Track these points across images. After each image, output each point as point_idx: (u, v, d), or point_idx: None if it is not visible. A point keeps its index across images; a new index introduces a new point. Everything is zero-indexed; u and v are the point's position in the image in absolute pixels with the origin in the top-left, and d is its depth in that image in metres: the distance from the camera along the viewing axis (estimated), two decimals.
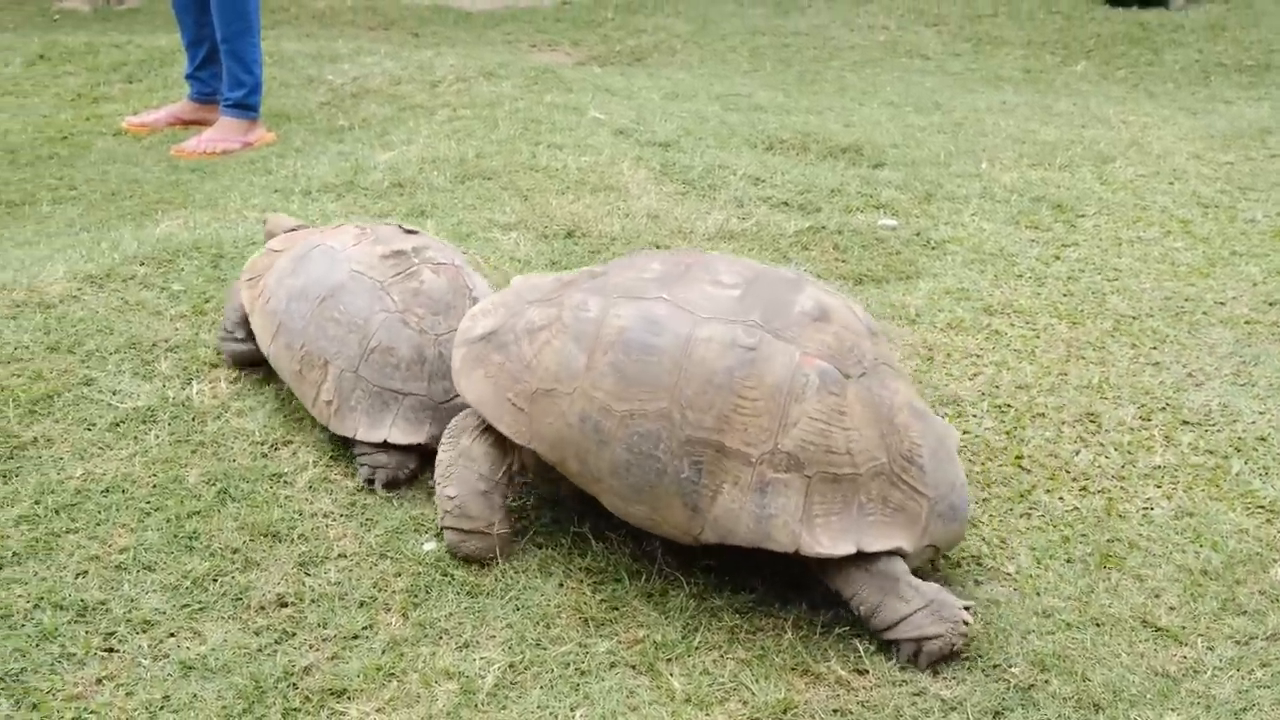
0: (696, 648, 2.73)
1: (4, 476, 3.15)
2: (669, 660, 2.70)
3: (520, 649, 2.70)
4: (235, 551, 2.94)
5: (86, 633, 2.70)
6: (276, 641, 2.71)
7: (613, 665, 2.68)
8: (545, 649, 2.71)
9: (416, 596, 2.84)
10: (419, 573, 2.91)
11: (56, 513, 3.03)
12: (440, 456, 3.05)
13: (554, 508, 3.15)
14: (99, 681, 2.59)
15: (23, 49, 8.14)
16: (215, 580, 2.86)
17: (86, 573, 2.86)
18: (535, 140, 5.52)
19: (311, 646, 2.70)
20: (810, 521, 2.72)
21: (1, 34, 9.35)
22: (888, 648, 2.74)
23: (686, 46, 9.95)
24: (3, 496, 3.08)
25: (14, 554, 2.90)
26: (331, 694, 2.58)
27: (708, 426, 2.74)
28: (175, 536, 2.98)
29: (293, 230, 3.77)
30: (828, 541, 2.71)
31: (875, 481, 2.75)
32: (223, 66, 6.24)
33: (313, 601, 2.82)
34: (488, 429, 3.00)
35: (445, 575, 2.90)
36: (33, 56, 8.00)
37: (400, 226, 3.55)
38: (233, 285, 3.73)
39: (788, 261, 4.49)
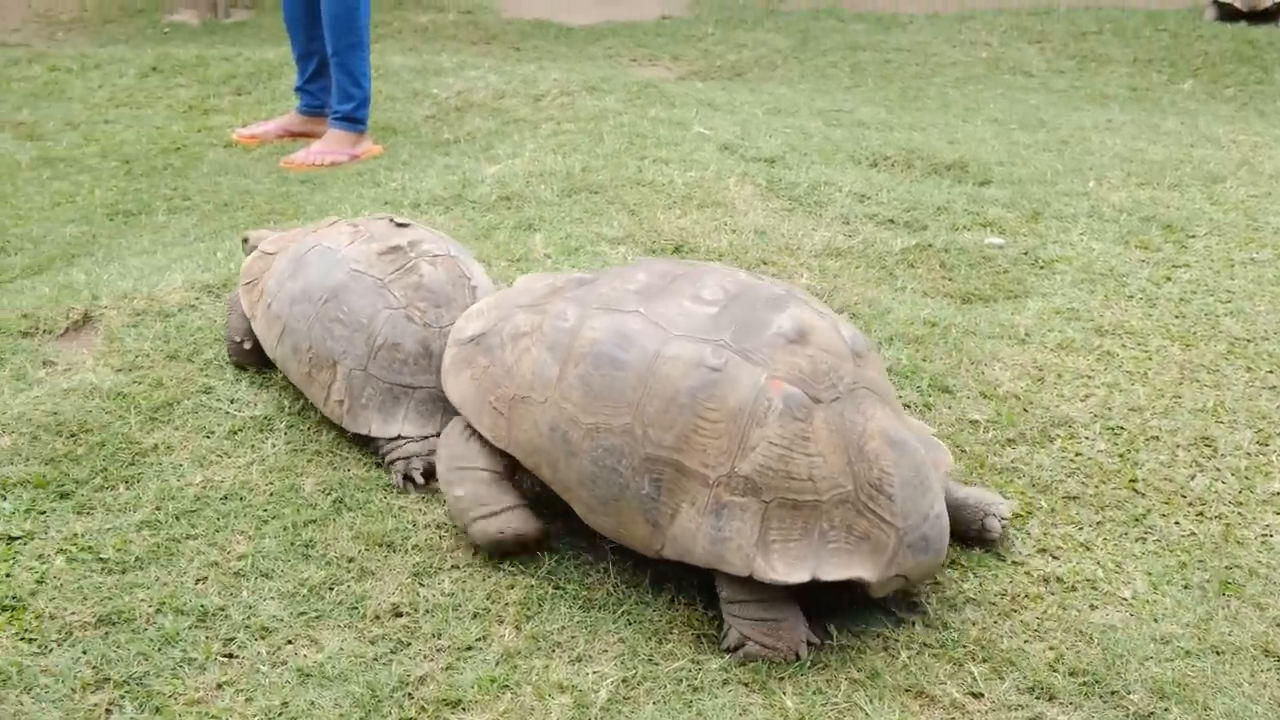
0: (808, 666, 2.73)
1: (126, 482, 3.22)
2: (781, 679, 2.69)
3: (633, 664, 2.71)
4: (351, 560, 2.97)
5: (207, 638, 2.75)
6: (392, 651, 2.74)
7: (725, 683, 2.68)
8: (658, 664, 2.71)
9: (529, 609, 2.86)
10: (531, 585, 2.93)
11: (177, 519, 3.09)
12: (439, 468, 3.12)
13: None
14: (219, 687, 2.63)
15: (136, 61, 8.30)
16: (331, 589, 2.90)
17: (206, 579, 2.91)
18: (640, 155, 5.54)
19: (426, 657, 2.73)
20: (766, 547, 2.70)
21: (115, 46, 9.56)
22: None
23: (787, 62, 9.94)
24: (125, 502, 3.14)
25: (136, 559, 2.96)
26: (446, 704, 2.60)
27: (668, 445, 2.75)
28: (292, 544, 3.02)
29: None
30: (783, 568, 2.69)
31: (839, 509, 2.71)
32: (332, 80, 6.34)
33: (427, 612, 2.84)
34: (476, 430, 3.06)
35: (557, 589, 2.92)
36: (145, 68, 8.16)
37: (392, 219, 3.62)
38: (232, 293, 3.79)
39: (894, 279, 4.47)
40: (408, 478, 3.27)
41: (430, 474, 3.26)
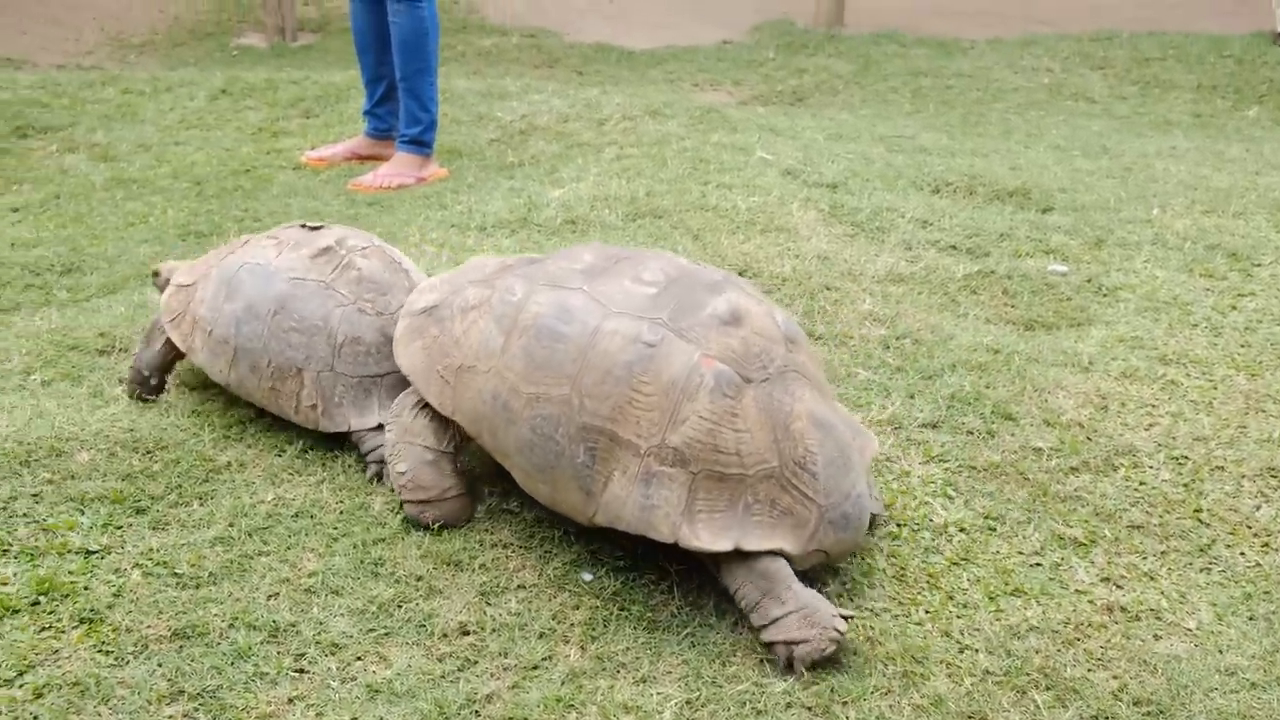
0: (871, 691, 2.74)
1: (200, 499, 3.28)
2: (844, 703, 2.71)
3: (697, 686, 2.73)
4: (419, 579, 3.02)
5: (278, 653, 2.79)
6: (459, 669, 2.77)
7: (789, 705, 2.70)
8: (721, 687, 2.74)
9: (594, 629, 2.89)
10: (596, 606, 2.96)
11: (249, 535, 3.15)
12: (387, 436, 3.27)
13: None
14: (290, 701, 2.68)
15: (205, 84, 8.43)
16: (400, 606, 2.94)
17: (278, 595, 2.96)
18: (704, 180, 5.58)
19: (493, 675, 2.76)
20: (692, 515, 2.82)
21: (185, 69, 9.72)
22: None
23: (848, 87, 9.97)
24: (199, 518, 3.21)
25: (210, 574, 3.01)
26: None
27: (603, 415, 2.87)
28: (362, 562, 3.07)
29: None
30: (707, 537, 2.81)
31: (764, 484, 2.84)
32: (400, 104, 6.42)
33: (494, 631, 2.88)
34: (426, 404, 3.20)
35: (622, 610, 2.95)
36: (215, 91, 8.29)
37: (304, 225, 3.70)
38: (148, 331, 3.82)
39: (956, 306, 4.48)
40: (380, 477, 3.39)
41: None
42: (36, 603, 2.89)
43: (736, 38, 11.97)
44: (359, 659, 2.79)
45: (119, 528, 3.16)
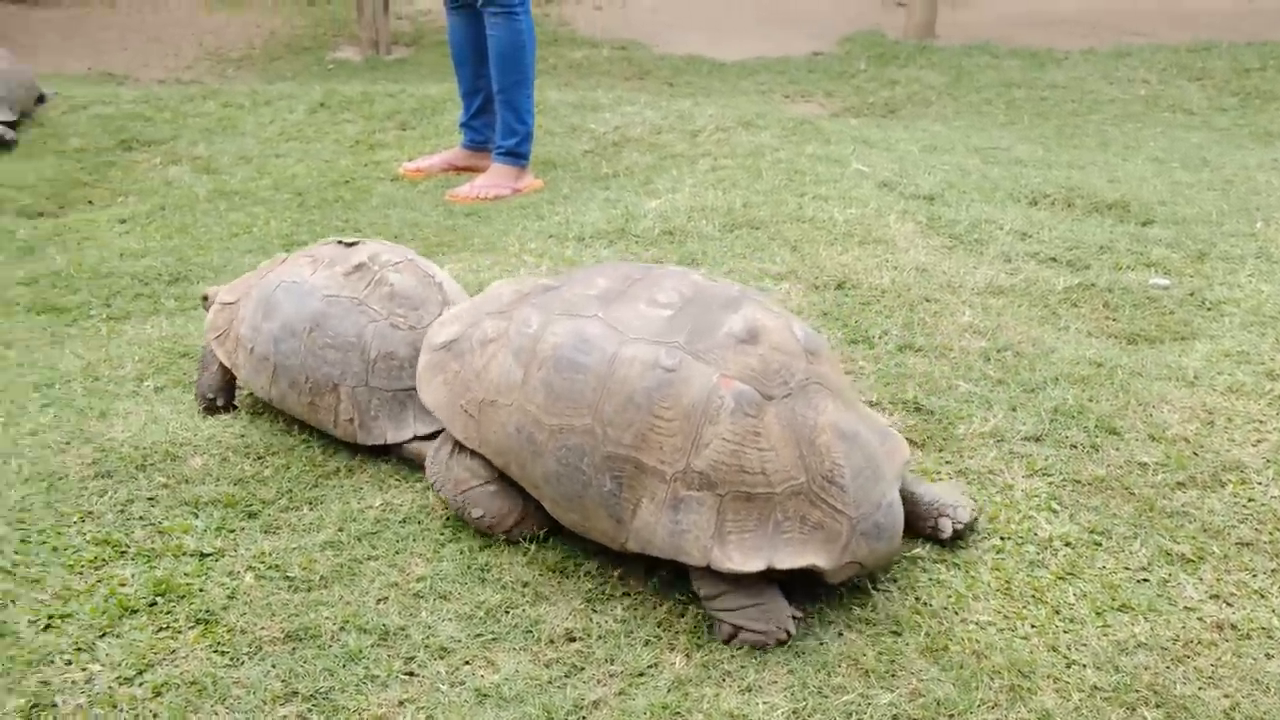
0: (978, 705, 2.72)
1: (310, 504, 3.34)
2: (951, 716, 2.70)
3: (803, 696, 2.74)
4: (525, 585, 3.05)
5: (388, 656, 2.83)
6: (566, 675, 2.80)
7: (894, 718, 2.69)
8: (827, 697, 2.74)
9: (699, 638, 2.90)
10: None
11: (358, 540, 3.20)
12: (443, 492, 3.27)
13: None
14: (401, 704, 2.71)
15: (304, 97, 8.56)
16: (507, 612, 2.97)
17: (387, 599, 3.01)
18: (800, 191, 5.59)
19: (600, 681, 2.78)
20: (723, 538, 2.82)
21: (284, 83, 9.88)
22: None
23: (941, 99, 9.92)
24: (309, 522, 3.26)
25: (321, 578, 3.06)
26: None
27: (627, 444, 2.87)
28: (469, 568, 3.11)
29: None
30: (739, 558, 2.81)
31: (793, 500, 2.83)
32: (496, 116, 6.49)
33: (600, 637, 2.90)
34: (460, 444, 3.22)
35: None
36: (314, 104, 8.41)
37: (340, 241, 3.77)
38: (202, 356, 3.92)
39: (1057, 319, 4.44)
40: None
41: None
42: (154, 603, 2.96)
43: (827, 49, 11.96)
44: (467, 663, 2.83)
45: (232, 531, 3.22)
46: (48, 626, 2.89)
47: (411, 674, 2.79)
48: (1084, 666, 2.84)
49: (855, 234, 4.98)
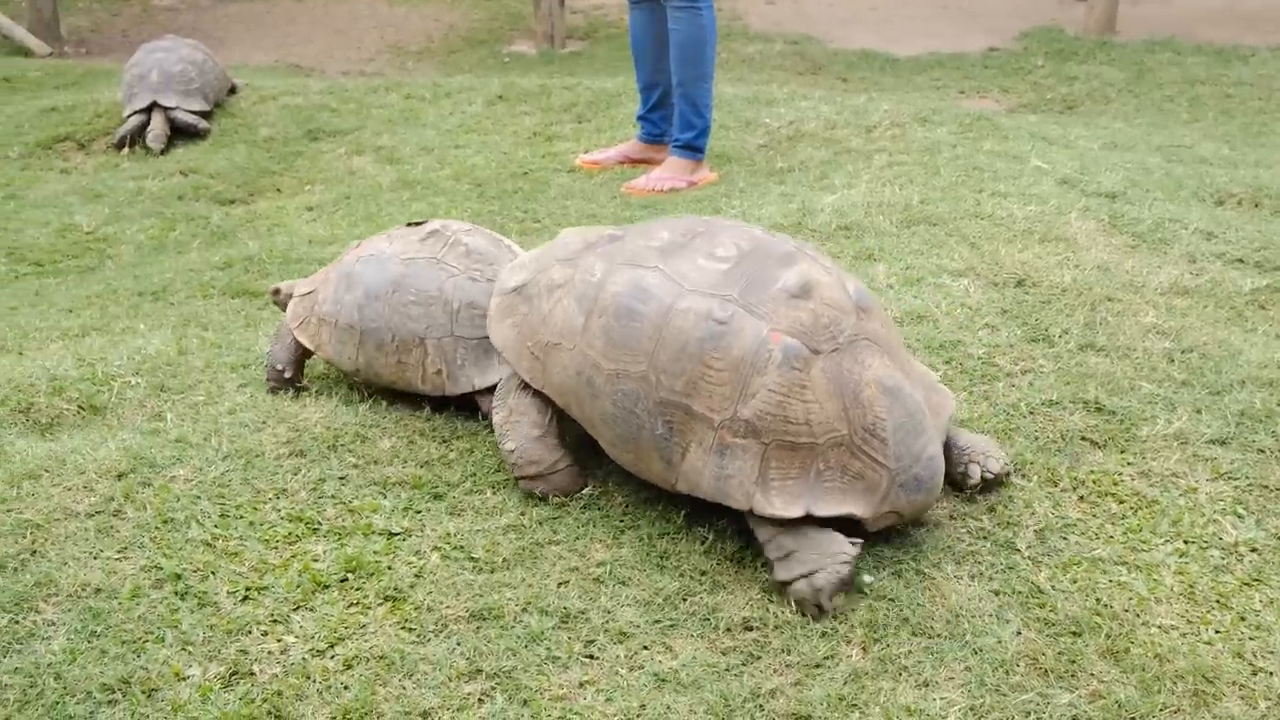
0: (1160, 709, 2.69)
1: (493, 487, 3.42)
2: (1134, 718, 2.67)
3: (980, 693, 2.73)
4: (703, 574, 3.09)
5: (569, 638, 2.90)
6: (743, 663, 2.83)
7: (1074, 718, 2.68)
8: (1005, 696, 2.73)
9: (875, 632, 2.91)
10: (876, 608, 2.98)
11: (540, 524, 3.27)
12: (494, 419, 3.44)
13: (1009, 553, 3.16)
14: (581, 685, 2.77)
15: (483, 90, 8.73)
16: (685, 599, 3.02)
17: (568, 582, 3.07)
18: (978, 188, 5.54)
19: (776, 671, 2.81)
20: (766, 484, 2.95)
21: (462, 75, 10.07)
22: None
23: (1121, 95, 9.73)
24: (493, 506, 3.35)
25: (503, 560, 3.14)
26: (797, 718, 2.68)
27: (678, 391, 3.01)
28: (648, 555, 3.16)
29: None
30: (780, 504, 2.94)
31: (834, 451, 2.95)
32: (674, 109, 6.54)
33: (776, 628, 2.93)
34: (526, 384, 3.36)
35: (901, 616, 2.96)
36: (492, 97, 8.57)
37: (409, 224, 3.93)
38: (277, 331, 4.05)
39: (1244, 320, 4.34)
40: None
41: None
42: (345, 579, 3.06)
43: (1003, 45, 11.80)
44: (645, 648, 2.88)
45: (418, 512, 3.32)
46: (245, 598, 3.01)
47: (591, 656, 2.85)
48: (1270, 674, 2.80)
49: (1035, 231, 4.92)
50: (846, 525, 3.01)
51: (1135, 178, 5.93)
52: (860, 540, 2.99)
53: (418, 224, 3.95)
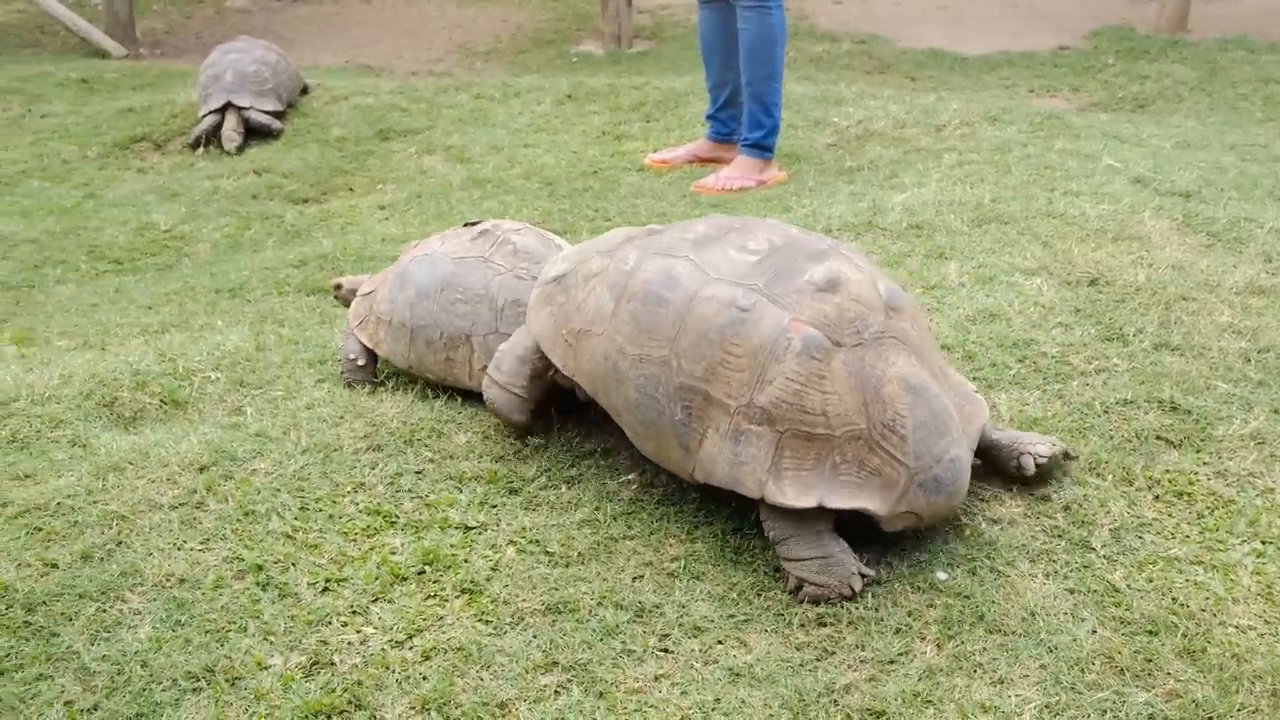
0: (1238, 709, 2.68)
1: (568, 483, 3.46)
2: (1209, 719, 2.66)
3: (1055, 691, 2.73)
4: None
5: (644, 632, 2.92)
6: (817, 658, 2.84)
7: (1150, 717, 2.67)
8: (1081, 694, 2.72)
9: (950, 628, 2.91)
10: (949, 605, 2.98)
11: (615, 519, 3.30)
12: (493, 358, 3.60)
13: (1084, 551, 3.15)
14: (656, 679, 2.80)
15: (552, 89, 8.77)
16: (759, 595, 3.03)
17: (642, 577, 3.10)
18: (1050, 186, 5.51)
19: (850, 666, 2.82)
20: (779, 472, 2.95)
21: (530, 75, 10.13)
22: None
23: (1193, 94, 9.63)
24: (568, 500, 3.38)
25: (579, 554, 3.17)
26: (871, 714, 2.68)
27: (697, 376, 3.03)
28: (722, 550, 3.18)
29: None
30: (792, 493, 2.94)
31: (851, 445, 2.94)
32: (743, 108, 6.55)
33: (850, 624, 2.94)
34: (537, 348, 3.49)
35: (976, 613, 2.96)
36: (561, 96, 8.61)
37: (465, 224, 4.02)
38: (344, 332, 4.16)
39: None
40: None
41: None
42: (422, 572, 3.11)
43: (1073, 44, 11.71)
44: (720, 642, 2.90)
45: (494, 506, 3.36)
46: (325, 589, 3.06)
47: (666, 650, 2.88)
48: None
49: (1108, 230, 4.89)
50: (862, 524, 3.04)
51: (1209, 177, 5.88)
52: (871, 573, 3.02)
53: (472, 224, 4.02)
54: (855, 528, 3.06)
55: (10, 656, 2.84)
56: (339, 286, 4.40)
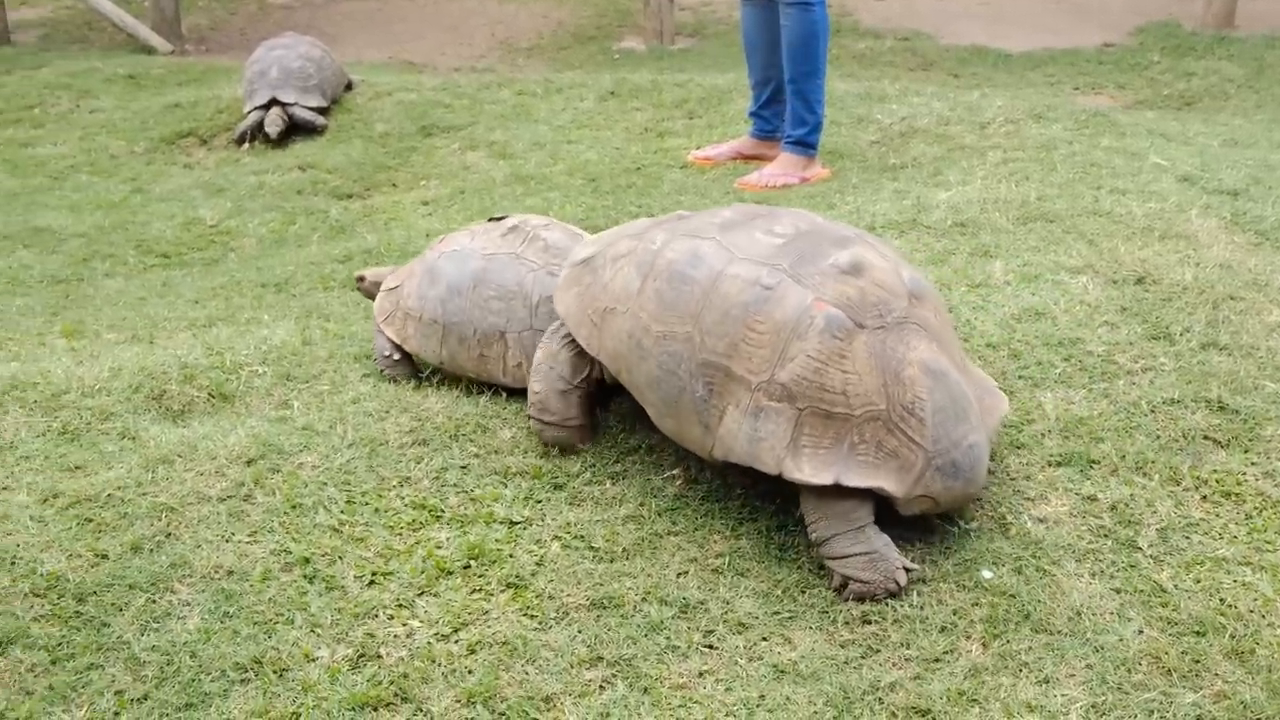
0: None
1: (613, 478, 3.47)
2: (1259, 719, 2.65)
3: (1102, 691, 2.72)
4: (822, 568, 3.10)
5: (688, 628, 2.93)
6: (862, 656, 2.85)
7: (1198, 718, 2.66)
8: (1127, 694, 2.72)
9: (995, 628, 2.91)
10: (994, 603, 2.98)
11: (659, 515, 3.31)
12: (535, 356, 3.60)
13: (1131, 551, 3.13)
14: (700, 675, 2.81)
15: (594, 86, 8.78)
16: (804, 592, 3.04)
17: (687, 573, 3.11)
18: (1096, 184, 5.48)
19: (895, 664, 2.82)
20: (797, 449, 2.97)
21: (573, 71, 10.14)
22: None
23: (1240, 91, 9.56)
24: (612, 496, 3.39)
25: (623, 550, 3.18)
26: (916, 712, 2.69)
27: (720, 352, 3.07)
28: (766, 547, 3.18)
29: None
30: (809, 470, 2.96)
31: (870, 425, 2.95)
32: (786, 105, 6.54)
33: (894, 622, 2.94)
34: (573, 340, 3.48)
35: (1022, 612, 2.95)
36: (604, 93, 8.62)
37: (490, 218, 4.01)
38: (374, 328, 4.14)
39: None
40: None
41: None
42: (468, 566, 3.13)
43: (1118, 41, 11.63)
44: (764, 639, 2.91)
45: (539, 501, 3.37)
46: (372, 582, 3.08)
47: (711, 646, 2.89)
48: None
49: (1155, 229, 4.86)
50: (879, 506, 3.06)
51: (1257, 175, 5.82)
52: (916, 567, 3.03)
53: (498, 219, 4.03)
54: (887, 519, 3.08)
55: (62, 646, 2.87)
56: (362, 279, 4.41)
